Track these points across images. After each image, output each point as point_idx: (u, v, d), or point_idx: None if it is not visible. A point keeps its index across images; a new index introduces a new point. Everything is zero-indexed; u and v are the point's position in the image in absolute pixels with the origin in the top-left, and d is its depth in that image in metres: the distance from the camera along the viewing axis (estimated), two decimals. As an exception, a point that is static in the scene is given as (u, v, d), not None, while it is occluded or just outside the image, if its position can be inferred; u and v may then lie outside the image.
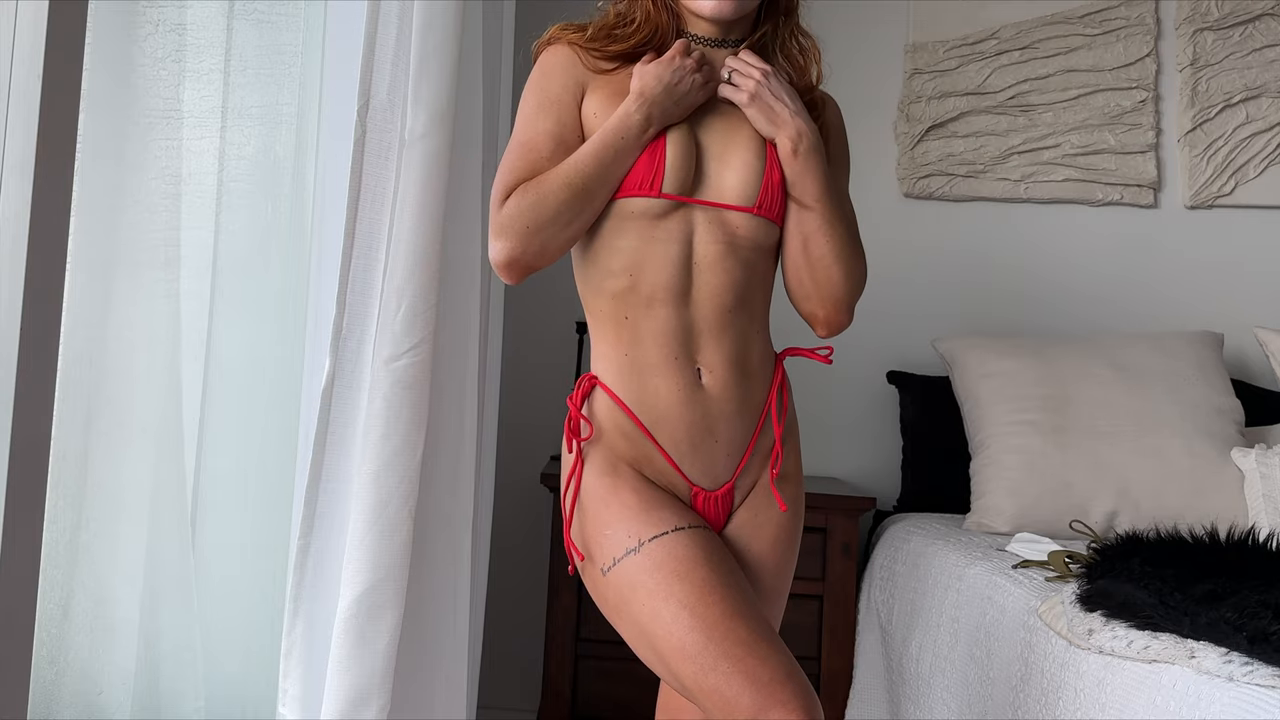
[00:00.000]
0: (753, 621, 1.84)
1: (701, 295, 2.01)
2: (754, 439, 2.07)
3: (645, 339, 2.01)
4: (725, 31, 2.12)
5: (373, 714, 2.60)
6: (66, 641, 2.68)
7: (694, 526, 1.95)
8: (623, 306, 2.03)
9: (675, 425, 2.00)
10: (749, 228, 2.03)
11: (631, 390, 2.02)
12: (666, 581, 1.88)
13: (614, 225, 2.03)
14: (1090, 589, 2.33)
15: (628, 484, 2.01)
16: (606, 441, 2.04)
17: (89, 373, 2.67)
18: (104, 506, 2.72)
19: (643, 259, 2.00)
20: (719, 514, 2.06)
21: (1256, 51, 4.31)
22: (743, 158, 2.04)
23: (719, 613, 1.83)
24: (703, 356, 2.02)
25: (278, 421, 3.07)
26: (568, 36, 2.13)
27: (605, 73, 2.09)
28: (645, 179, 1.99)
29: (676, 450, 2.01)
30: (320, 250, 2.92)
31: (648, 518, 1.95)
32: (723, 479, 2.05)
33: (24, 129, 2.14)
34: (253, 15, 3.03)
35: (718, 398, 2.02)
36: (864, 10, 4.39)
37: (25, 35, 2.17)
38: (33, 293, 2.12)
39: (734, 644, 1.81)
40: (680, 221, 2.01)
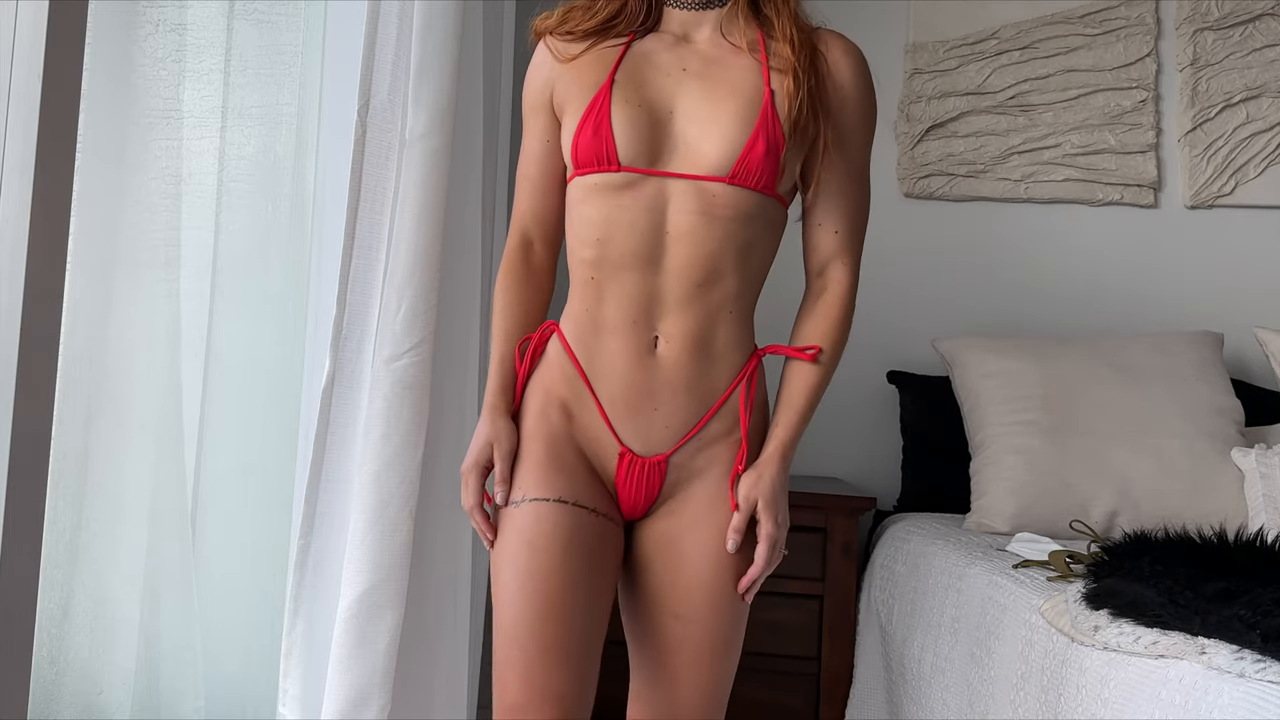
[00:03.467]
0: (565, 629, 1.90)
1: (672, 265, 1.98)
2: (703, 421, 2.01)
3: (608, 300, 2.00)
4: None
5: (373, 714, 2.62)
6: (66, 641, 2.69)
7: (580, 506, 1.97)
8: (592, 269, 2.02)
9: (616, 383, 2.00)
10: (728, 197, 1.98)
11: (584, 343, 2.03)
12: (519, 547, 1.95)
13: (581, 197, 2.04)
14: (1097, 587, 2.31)
15: (543, 436, 2.03)
16: (548, 381, 2.06)
17: (89, 372, 2.68)
18: (104, 506, 2.73)
19: (612, 229, 1.99)
20: (648, 487, 2.02)
21: (1256, 51, 4.31)
22: (724, 126, 1.98)
23: (539, 601, 1.90)
24: (663, 325, 1.99)
25: (278, 421, 3.08)
26: (544, 26, 2.14)
27: (574, 58, 2.08)
28: (597, 155, 1.99)
29: (612, 406, 2.01)
30: (320, 250, 2.94)
31: (542, 477, 1.99)
32: (657, 449, 2.01)
33: (24, 129, 2.18)
34: (253, 15, 3.04)
35: (668, 369, 1.99)
36: (864, 10, 4.37)
37: (25, 35, 2.20)
38: (33, 292, 2.16)
39: (532, 639, 1.89)
40: (652, 191, 1.98)
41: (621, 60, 2.05)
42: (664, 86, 2.02)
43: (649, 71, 2.04)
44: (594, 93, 2.02)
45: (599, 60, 2.06)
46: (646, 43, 2.09)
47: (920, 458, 4.07)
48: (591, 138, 1.99)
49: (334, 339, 2.70)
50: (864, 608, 3.66)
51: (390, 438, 2.67)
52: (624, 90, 2.01)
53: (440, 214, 2.77)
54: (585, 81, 2.04)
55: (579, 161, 2.02)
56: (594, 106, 2.00)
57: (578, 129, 2.02)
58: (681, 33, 2.09)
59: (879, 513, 4.03)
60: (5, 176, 2.17)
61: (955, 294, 4.32)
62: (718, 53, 2.06)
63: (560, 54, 2.09)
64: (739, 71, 2.03)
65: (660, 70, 2.04)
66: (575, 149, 2.02)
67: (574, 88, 2.05)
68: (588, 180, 2.02)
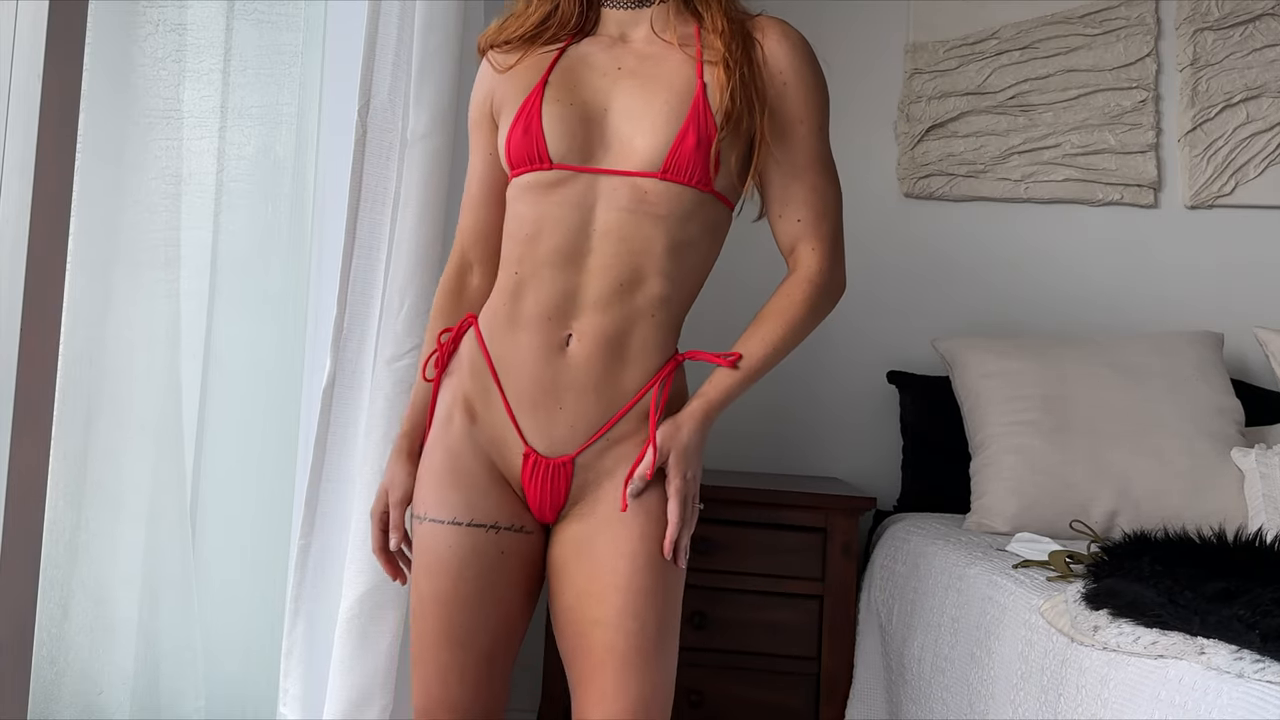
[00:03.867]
0: (460, 649, 1.99)
1: (595, 263, 1.97)
2: (609, 423, 1.98)
3: (526, 295, 1.99)
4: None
5: (375, 714, 2.63)
6: (66, 641, 2.70)
7: (475, 525, 1.98)
8: (517, 265, 2.01)
9: (523, 379, 1.98)
10: (661, 193, 1.96)
11: (498, 338, 2.02)
12: (419, 570, 2.02)
13: (515, 196, 2.04)
14: (1097, 587, 2.30)
15: (444, 446, 2.04)
16: (459, 376, 2.07)
17: (89, 372, 2.69)
18: (104, 506, 2.74)
19: (540, 225, 1.99)
20: (553, 488, 2.00)
21: (1256, 51, 4.31)
22: (654, 120, 1.96)
23: (435, 625, 1.99)
24: (577, 323, 1.97)
25: (278, 421, 3.09)
26: (484, 41, 2.17)
27: (511, 66, 2.09)
28: (529, 153, 1.99)
29: (518, 403, 1.99)
30: (320, 250, 2.95)
31: (440, 493, 2.01)
32: (562, 449, 1.99)
33: (24, 129, 2.19)
34: (253, 15, 3.05)
35: (577, 368, 1.97)
36: (864, 10, 4.40)
37: (25, 35, 2.21)
38: (33, 292, 2.17)
39: (433, 657, 2.00)
40: (582, 188, 1.98)
41: (556, 63, 2.06)
42: (599, 86, 2.02)
43: (584, 72, 2.04)
44: (527, 93, 2.03)
45: (534, 65, 2.07)
46: (583, 46, 2.09)
47: (920, 458, 4.06)
48: (522, 136, 1.99)
49: (335, 339, 2.70)
50: (864, 608, 3.65)
51: (392, 438, 2.63)
52: (556, 90, 2.01)
53: (441, 214, 2.77)
54: (519, 84, 2.05)
55: (512, 161, 2.03)
56: (525, 106, 2.01)
57: (510, 129, 2.02)
58: (618, 33, 2.09)
59: (879, 513, 4.02)
60: (5, 176, 2.19)
61: (955, 294, 4.32)
62: (653, 50, 2.05)
63: (498, 65, 2.11)
64: (672, 66, 2.01)
65: (596, 70, 2.04)
66: (508, 149, 2.03)
67: (510, 92, 2.07)
68: (522, 180, 2.02)
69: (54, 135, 2.21)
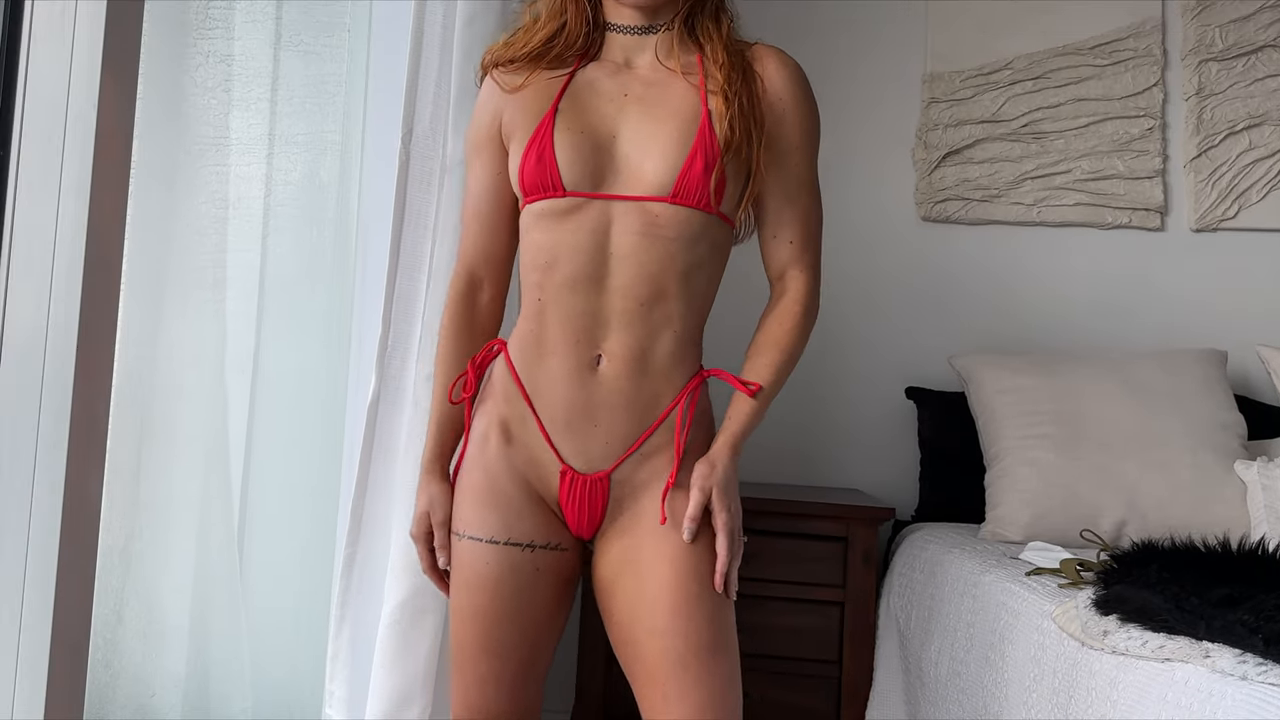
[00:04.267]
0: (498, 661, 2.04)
1: (616, 284, 1.98)
2: (643, 437, 2.01)
3: (552, 320, 2.00)
4: (651, 16, 2.08)
5: (415, 715, 2.63)
6: (120, 646, 2.72)
7: (511, 544, 2.02)
8: (539, 291, 2.02)
9: (557, 401, 2.00)
10: (669, 216, 1.97)
11: (527, 363, 2.04)
12: (459, 585, 2.07)
13: (531, 224, 2.05)
14: (1106, 594, 2.32)
15: (481, 466, 2.06)
16: (492, 401, 2.08)
17: (141, 389, 2.70)
18: (156, 517, 2.76)
19: (558, 252, 1.99)
20: (590, 504, 2.03)
21: (1259, 81, 4.32)
22: (662, 146, 1.98)
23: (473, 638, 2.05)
24: (606, 344, 1.99)
25: (322, 435, 3.09)
26: (489, 59, 2.16)
27: (519, 88, 2.09)
28: (542, 181, 2.00)
29: (552, 424, 2.01)
30: (364, 272, 2.95)
31: (478, 512, 2.04)
32: (598, 465, 2.01)
33: (80, 155, 2.20)
34: (299, 47, 3.06)
35: (608, 387, 1.99)
36: (884, 42, 4.43)
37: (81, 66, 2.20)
38: (88, 312, 2.19)
39: (471, 668, 2.06)
40: (596, 213, 1.99)
41: (565, 89, 2.06)
42: (607, 112, 2.04)
43: (592, 98, 2.05)
44: (538, 121, 2.03)
45: (543, 90, 2.07)
46: (590, 71, 2.10)
47: (937, 470, 4.08)
48: (536, 164, 2.00)
49: (379, 356, 2.70)
50: (883, 614, 3.66)
51: None
52: (566, 117, 2.02)
53: None
54: (530, 110, 2.05)
55: (526, 189, 2.03)
56: (538, 134, 2.01)
57: (523, 156, 2.03)
58: (623, 59, 2.10)
59: (898, 522, 4.05)
60: (62, 200, 2.20)
61: (971, 313, 4.34)
62: (658, 76, 2.07)
63: (506, 85, 2.10)
64: (677, 94, 2.03)
65: (603, 97, 2.05)
66: (522, 176, 2.03)
67: (519, 116, 2.07)
68: (535, 207, 2.03)
69: (109, 161, 2.23)
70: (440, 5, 2.76)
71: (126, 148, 2.31)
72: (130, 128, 2.33)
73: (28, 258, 2.18)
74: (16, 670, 2.15)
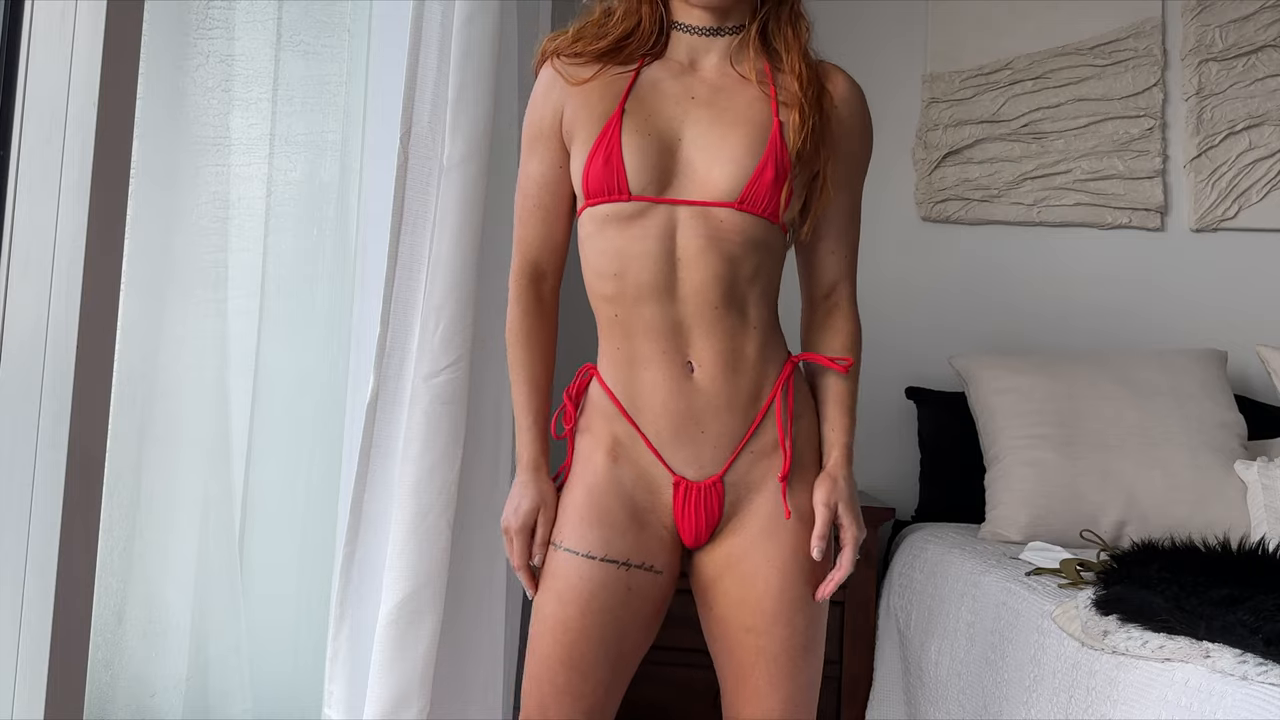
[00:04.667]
0: (580, 677, 2.01)
1: (686, 290, 1.97)
2: (748, 434, 2.02)
3: (635, 334, 2.00)
4: (720, 19, 2.05)
5: (413, 715, 2.64)
6: (121, 646, 2.70)
7: (609, 560, 2.00)
8: (614, 305, 2.02)
9: (660, 414, 2.00)
10: (734, 222, 1.97)
11: (620, 379, 2.03)
12: (551, 596, 2.04)
13: (593, 229, 2.03)
14: (1106, 594, 2.34)
15: (585, 484, 2.04)
16: (593, 426, 2.07)
17: (141, 388, 2.69)
18: (156, 517, 2.74)
19: (626, 259, 1.98)
20: (708, 511, 2.02)
21: (1259, 81, 4.35)
22: (733, 153, 1.97)
23: (559, 651, 2.01)
24: (693, 351, 1.99)
25: (322, 435, 3.09)
26: (553, 46, 2.11)
27: (584, 81, 2.05)
28: (608, 185, 1.97)
29: (659, 438, 2.01)
30: (363, 271, 2.95)
31: (579, 528, 2.02)
32: (710, 471, 2.01)
33: (80, 155, 2.19)
34: (299, 47, 3.05)
35: (706, 390, 1.99)
36: (884, 41, 4.46)
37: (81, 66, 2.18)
38: (89, 311, 2.17)
39: (550, 681, 2.02)
40: (661, 218, 1.97)
41: (631, 88, 2.04)
42: (673, 115, 2.02)
43: (657, 100, 2.03)
44: (604, 122, 2.00)
45: (608, 88, 2.04)
46: (654, 70, 2.07)
47: (937, 470, 4.11)
48: (603, 167, 1.98)
49: (378, 357, 2.71)
50: (883, 613, 3.69)
51: (429, 451, 2.69)
52: (634, 119, 2.00)
53: (476, 236, 2.78)
54: (595, 110, 2.03)
55: (590, 191, 2.01)
56: (605, 135, 1.99)
57: (589, 158, 2.00)
58: (688, 60, 2.08)
59: (898, 522, 4.08)
60: (62, 200, 2.19)
61: (971, 313, 4.37)
62: (725, 82, 2.05)
63: (570, 77, 2.06)
64: (746, 101, 2.02)
65: (669, 98, 2.03)
66: (586, 179, 2.01)
67: (583, 114, 2.04)
68: (599, 211, 2.01)
69: (109, 161, 2.22)
70: (439, 5, 2.77)
71: (126, 148, 2.29)
72: (130, 128, 2.31)
73: (28, 258, 2.18)
74: (16, 670, 2.15)
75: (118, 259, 2.31)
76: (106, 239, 2.24)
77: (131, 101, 2.33)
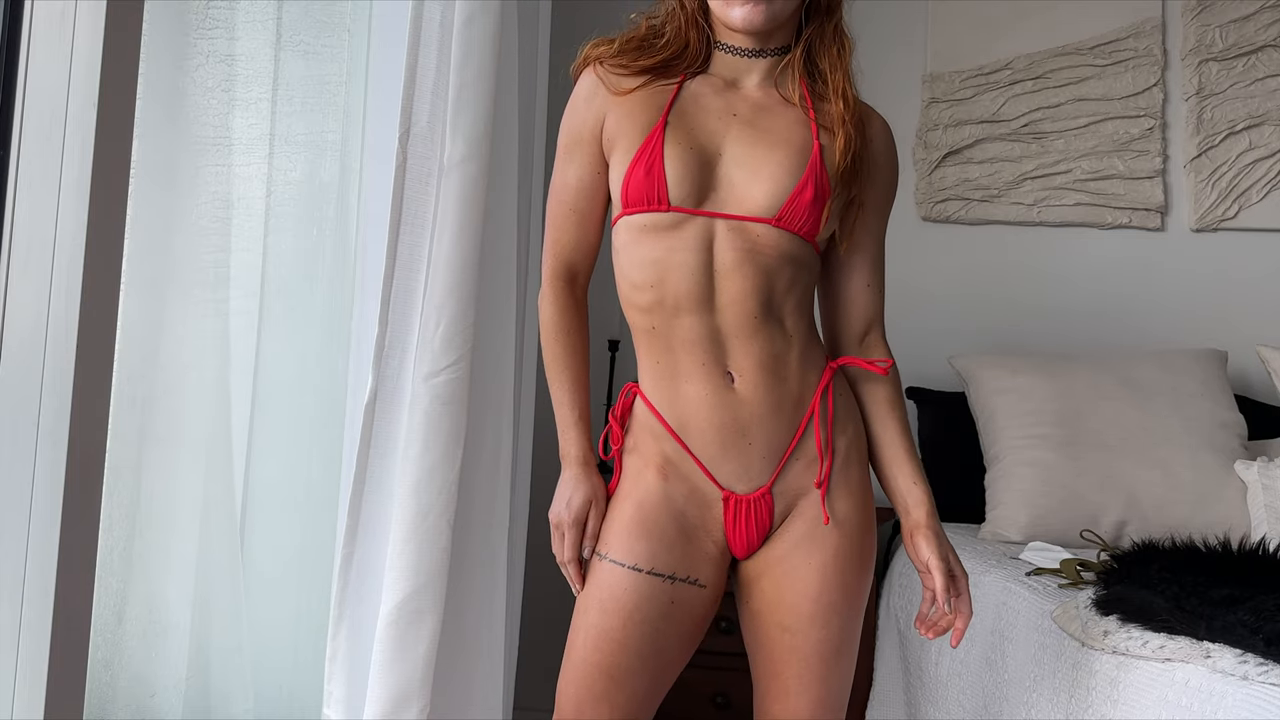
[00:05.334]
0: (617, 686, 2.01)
1: (724, 301, 1.98)
2: (794, 442, 2.02)
3: (675, 346, 2.01)
4: (763, 41, 2.06)
5: (413, 715, 2.64)
6: (121, 645, 2.69)
7: (655, 574, 2.01)
8: (651, 317, 2.03)
9: (704, 428, 2.00)
10: (771, 238, 1.98)
11: (663, 395, 2.03)
12: (593, 604, 2.04)
13: (630, 239, 2.04)
14: (1107, 594, 2.35)
15: (635, 499, 2.05)
16: (641, 446, 2.07)
17: (141, 388, 2.68)
18: (157, 516, 2.74)
19: (664, 270, 1.99)
20: (758, 523, 2.03)
21: (1259, 81, 4.36)
22: (773, 171, 1.98)
23: (599, 660, 2.02)
24: (733, 361, 2.00)
25: (322, 435, 3.09)
26: (596, 53, 2.12)
27: (627, 92, 2.06)
28: (648, 195, 1.98)
29: (705, 452, 2.01)
30: (364, 271, 2.95)
31: (627, 540, 2.02)
32: (758, 482, 2.01)
33: (80, 156, 2.18)
34: (299, 47, 3.05)
35: (749, 400, 1.99)
36: (884, 41, 4.46)
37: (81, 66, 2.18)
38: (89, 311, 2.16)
39: (588, 689, 2.02)
40: (699, 230, 1.98)
41: (674, 102, 2.05)
42: (714, 130, 2.02)
43: (699, 115, 2.04)
44: (647, 133, 2.01)
45: (652, 99, 2.06)
46: (696, 85, 2.09)
47: (937, 470, 4.01)
48: (644, 177, 1.98)
49: (376, 357, 2.71)
50: (883, 613, 3.69)
51: (429, 451, 2.69)
52: (676, 132, 2.01)
53: (476, 236, 2.78)
54: (638, 120, 2.04)
55: (629, 200, 2.02)
56: (647, 146, 1.99)
57: (630, 168, 2.01)
58: (731, 78, 2.09)
59: (898, 523, 4.05)
60: (62, 200, 2.19)
61: (971, 314, 4.38)
62: (767, 101, 2.07)
63: (613, 86, 2.08)
64: (787, 122, 2.04)
65: (710, 114, 2.04)
66: (626, 188, 2.01)
67: (626, 124, 2.05)
68: (635, 221, 2.02)
69: (109, 161, 2.21)
70: (439, 5, 2.77)
71: (126, 148, 2.28)
72: (130, 128, 2.30)
73: (28, 257, 2.17)
74: (16, 670, 2.14)
75: (118, 258, 2.30)
76: (106, 238, 2.23)
77: (131, 101, 2.32)
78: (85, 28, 2.22)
